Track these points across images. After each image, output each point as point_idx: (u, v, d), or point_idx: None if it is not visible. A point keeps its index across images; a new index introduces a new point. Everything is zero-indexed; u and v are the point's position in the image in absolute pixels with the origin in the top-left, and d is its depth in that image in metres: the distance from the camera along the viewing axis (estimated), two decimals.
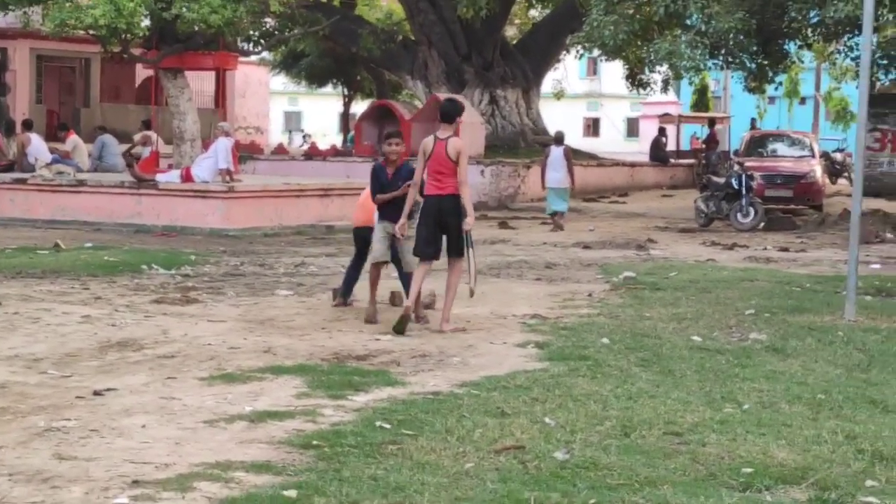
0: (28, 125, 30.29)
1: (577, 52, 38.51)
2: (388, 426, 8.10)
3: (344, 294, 13.94)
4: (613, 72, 60.67)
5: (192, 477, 6.89)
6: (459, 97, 36.27)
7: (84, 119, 43.02)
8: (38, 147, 28.52)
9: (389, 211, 12.78)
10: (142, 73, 44.36)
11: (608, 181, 38.96)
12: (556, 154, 26.09)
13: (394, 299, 13.90)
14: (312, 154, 38.99)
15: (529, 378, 9.79)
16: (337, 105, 67.85)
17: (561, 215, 26.09)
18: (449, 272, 12.56)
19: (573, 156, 27.62)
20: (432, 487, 6.74)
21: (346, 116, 57.60)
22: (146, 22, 26.78)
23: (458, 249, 12.38)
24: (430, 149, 12.50)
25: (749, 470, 7.18)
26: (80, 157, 29.71)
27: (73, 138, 30.59)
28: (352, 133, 45.25)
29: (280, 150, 41.93)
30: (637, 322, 12.78)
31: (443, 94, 36.91)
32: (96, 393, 9.11)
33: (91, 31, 25.57)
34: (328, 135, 77.54)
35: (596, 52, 31.99)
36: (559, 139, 26.70)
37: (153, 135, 30.00)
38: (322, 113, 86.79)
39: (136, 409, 8.61)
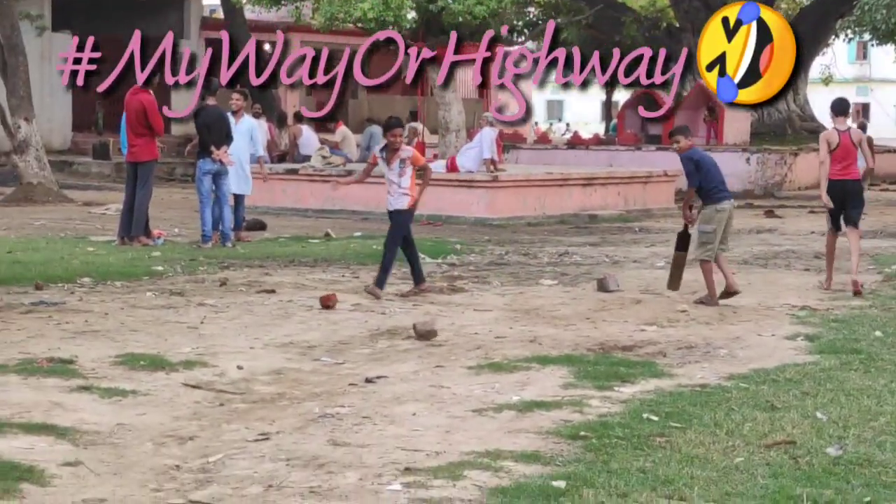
0: (299, 117, 31.12)
1: (847, 36, 37.52)
2: (655, 418, 8.07)
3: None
4: (884, 56, 58.85)
5: (462, 465, 6.99)
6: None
7: (352, 110, 43.92)
8: (308, 138, 29.27)
9: None
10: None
11: (879, 168, 37.79)
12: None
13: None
14: (575, 143, 38.98)
15: (799, 371, 9.62)
16: (599, 94, 67.66)
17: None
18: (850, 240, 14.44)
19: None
20: (702, 481, 6.70)
21: (608, 105, 57.37)
22: (413, 14, 27.23)
23: (855, 222, 14.51)
24: (836, 140, 14.34)
25: None
26: (349, 148, 30.39)
27: (343, 129, 31.31)
28: (614, 122, 45.07)
29: (543, 139, 42.03)
30: None
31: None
32: (368, 380, 9.33)
33: (359, 24, 26.10)
34: (590, 123, 77.39)
35: (867, 36, 31.12)
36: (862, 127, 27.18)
37: (420, 126, 30.43)
38: (584, 101, 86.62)
39: (407, 397, 8.78)
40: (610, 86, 56.51)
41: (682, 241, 13.67)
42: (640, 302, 13.45)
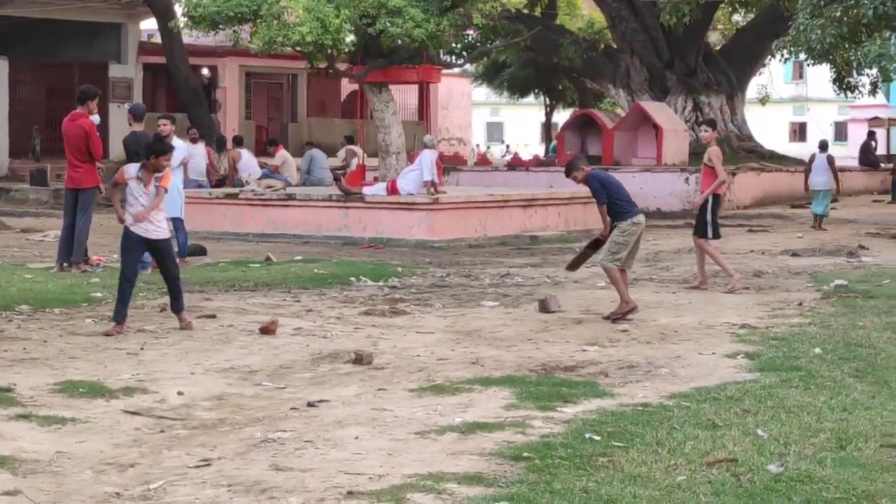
0: (238, 141, 31.07)
1: (783, 56, 37.82)
2: (598, 438, 8.08)
3: None
4: (820, 75, 59.44)
5: (405, 488, 6.98)
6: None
7: (292, 134, 43.89)
8: (248, 162, 29.21)
9: None
10: (347, 87, 45.09)
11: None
12: (821, 159, 27.82)
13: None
14: (515, 164, 39.09)
15: (740, 389, 9.67)
16: (538, 115, 67.95)
17: (821, 218, 27.51)
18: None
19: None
20: (645, 500, 6.71)
21: (548, 126, 57.62)
22: (351, 38, 27.23)
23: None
24: None
25: None
26: (289, 172, 30.34)
27: (282, 153, 31.27)
28: (554, 143, 45.25)
29: (482, 161, 42.13)
30: (850, 331, 12.51)
31: (645, 102, 36.71)
32: (310, 404, 9.29)
33: (298, 48, 26.09)
34: (530, 144, 77.65)
35: (802, 56, 31.40)
36: (823, 146, 28.59)
37: (358, 149, 30.43)
38: (524, 123, 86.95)
39: (349, 421, 8.76)
40: (549, 107, 56.96)
41: (596, 243, 14.41)
42: (581, 322, 13.50)
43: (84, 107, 17.73)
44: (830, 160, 27.88)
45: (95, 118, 17.95)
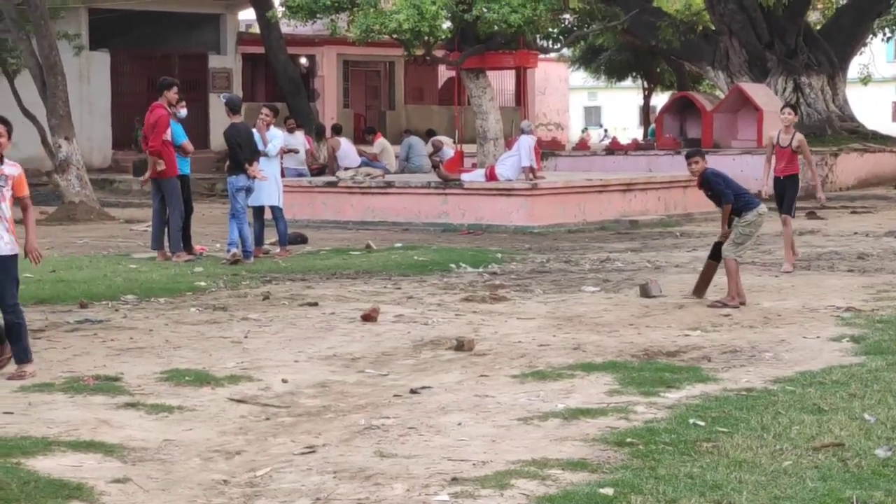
0: (337, 130, 31.21)
1: (885, 34, 37.32)
2: (702, 423, 8.04)
3: None
4: None
5: (509, 474, 6.99)
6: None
7: (390, 121, 44.07)
8: (347, 151, 29.35)
9: None
10: (444, 74, 45.19)
11: None
12: None
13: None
14: (614, 149, 38.88)
15: (846, 373, 9.56)
16: (636, 98, 67.60)
17: None
18: None
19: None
20: (750, 486, 6.66)
21: (646, 109, 57.33)
22: (447, 24, 27.27)
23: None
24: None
25: None
26: (388, 159, 30.46)
27: (381, 141, 31.39)
28: (653, 126, 44.97)
29: (581, 146, 41.99)
30: None
31: (745, 84, 36.34)
32: (413, 391, 9.33)
33: (395, 36, 26.15)
34: (628, 128, 77.28)
35: None
36: None
37: (445, 138, 30.44)
38: (621, 107, 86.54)
39: (452, 407, 8.78)
40: (647, 90, 56.62)
41: (716, 250, 13.75)
42: (682, 307, 13.41)
43: (162, 98, 17.94)
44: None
45: (182, 111, 18.14)
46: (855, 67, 46.71)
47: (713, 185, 13.61)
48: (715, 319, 12.51)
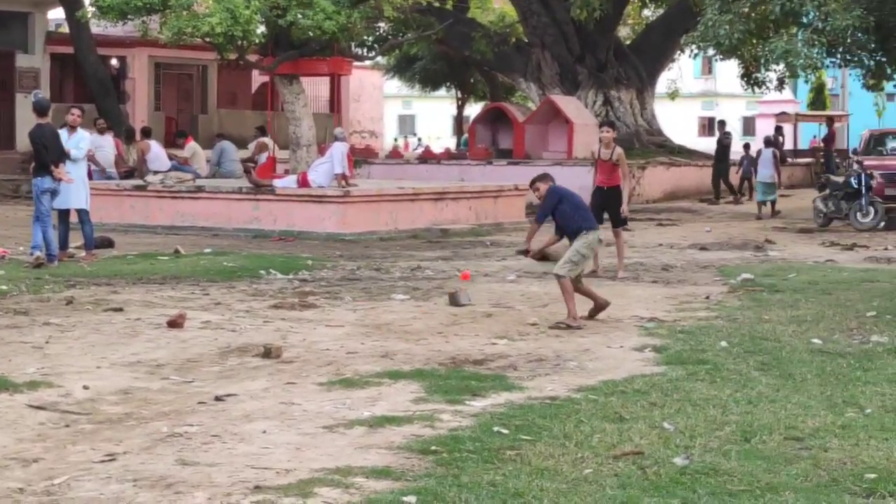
0: (147, 132, 30.76)
1: (692, 51, 38.16)
2: (506, 431, 8.10)
3: None
4: (728, 71, 60.08)
5: (312, 482, 6.95)
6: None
7: (202, 125, 43.53)
8: (157, 154, 28.94)
9: None
10: (258, 79, 44.85)
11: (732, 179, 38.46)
12: (766, 154, 30.64)
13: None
14: (427, 157, 39.10)
15: (647, 382, 9.74)
16: (450, 108, 68.02)
17: (773, 203, 30.41)
18: None
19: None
20: (551, 493, 6.74)
21: (459, 119, 57.72)
22: (261, 29, 27.06)
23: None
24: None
25: (872, 475, 7.08)
26: (199, 163, 30.08)
27: (192, 145, 30.99)
28: (465, 136, 45.32)
29: (394, 154, 42.11)
30: (756, 325, 12.65)
31: (556, 96, 36.86)
32: (218, 398, 9.23)
33: (208, 39, 25.85)
34: (442, 137, 77.75)
35: (711, 52, 31.70)
36: (768, 142, 31.95)
37: (269, 141, 30.32)
38: (436, 116, 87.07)
39: (257, 415, 8.71)
40: (461, 100, 57.00)
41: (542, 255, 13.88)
42: (490, 315, 13.53)
43: None
44: (775, 155, 30.74)
45: None
46: (663, 83, 47.79)
47: (543, 201, 13.48)
48: (522, 329, 12.63)
